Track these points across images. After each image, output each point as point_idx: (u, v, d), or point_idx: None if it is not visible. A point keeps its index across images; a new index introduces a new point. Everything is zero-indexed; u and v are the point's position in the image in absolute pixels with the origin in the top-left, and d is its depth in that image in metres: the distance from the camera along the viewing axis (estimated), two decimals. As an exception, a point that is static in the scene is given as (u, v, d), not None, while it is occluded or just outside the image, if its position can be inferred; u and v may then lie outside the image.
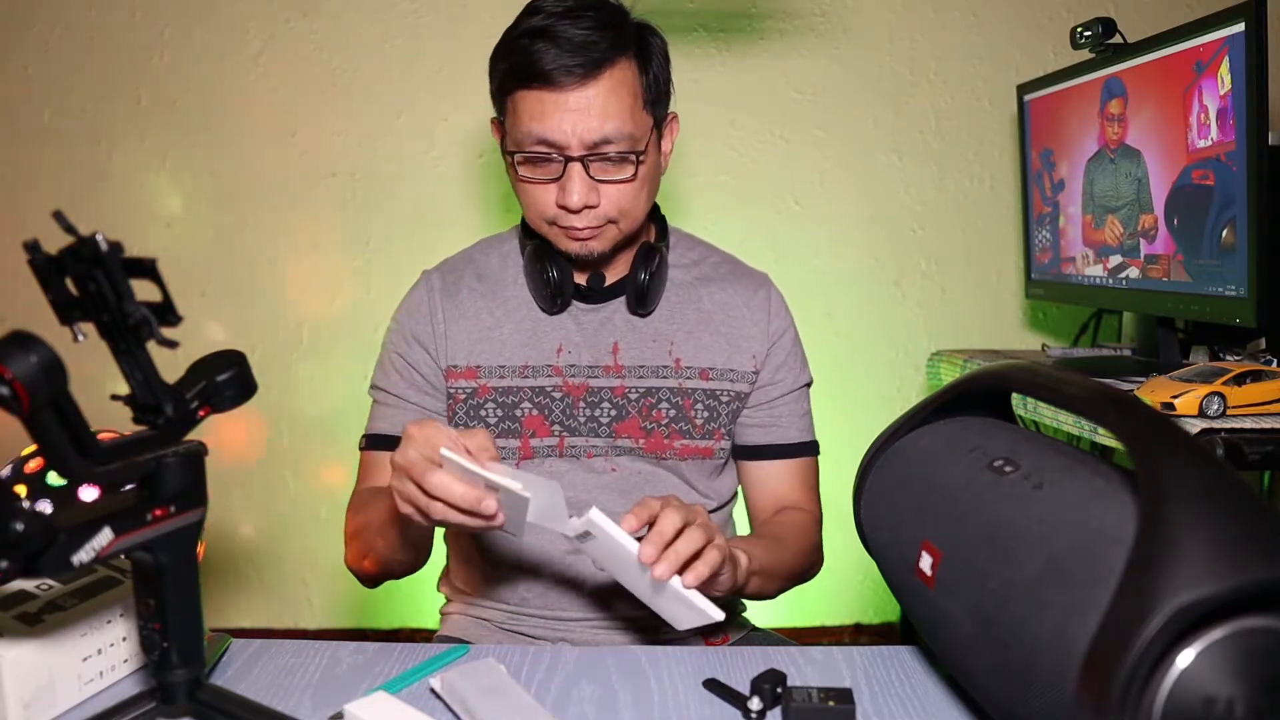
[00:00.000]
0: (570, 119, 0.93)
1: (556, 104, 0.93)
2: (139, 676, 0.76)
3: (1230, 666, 0.49)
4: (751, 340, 1.09)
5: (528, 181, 0.98)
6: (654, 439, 1.06)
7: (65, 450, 0.54)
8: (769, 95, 2.15)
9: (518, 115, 0.96)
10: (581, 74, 0.92)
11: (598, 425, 1.05)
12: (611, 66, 0.94)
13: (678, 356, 1.07)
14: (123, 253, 0.53)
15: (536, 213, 1.00)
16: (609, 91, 0.94)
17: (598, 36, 0.93)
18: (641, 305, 1.05)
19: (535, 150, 0.95)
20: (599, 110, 0.93)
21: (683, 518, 0.78)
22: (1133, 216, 1.59)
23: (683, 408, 1.06)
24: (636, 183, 0.98)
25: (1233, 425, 1.19)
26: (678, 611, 0.79)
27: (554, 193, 0.97)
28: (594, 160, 0.95)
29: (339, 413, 2.22)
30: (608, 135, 0.94)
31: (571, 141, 0.94)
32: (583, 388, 1.05)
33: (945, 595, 0.66)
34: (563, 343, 1.06)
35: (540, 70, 0.92)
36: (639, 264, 1.04)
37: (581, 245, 1.00)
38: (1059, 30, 2.12)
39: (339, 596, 2.28)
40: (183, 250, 2.17)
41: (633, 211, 1.00)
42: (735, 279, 1.12)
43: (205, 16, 2.12)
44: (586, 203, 0.96)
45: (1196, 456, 0.53)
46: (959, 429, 0.77)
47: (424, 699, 0.74)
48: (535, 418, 1.05)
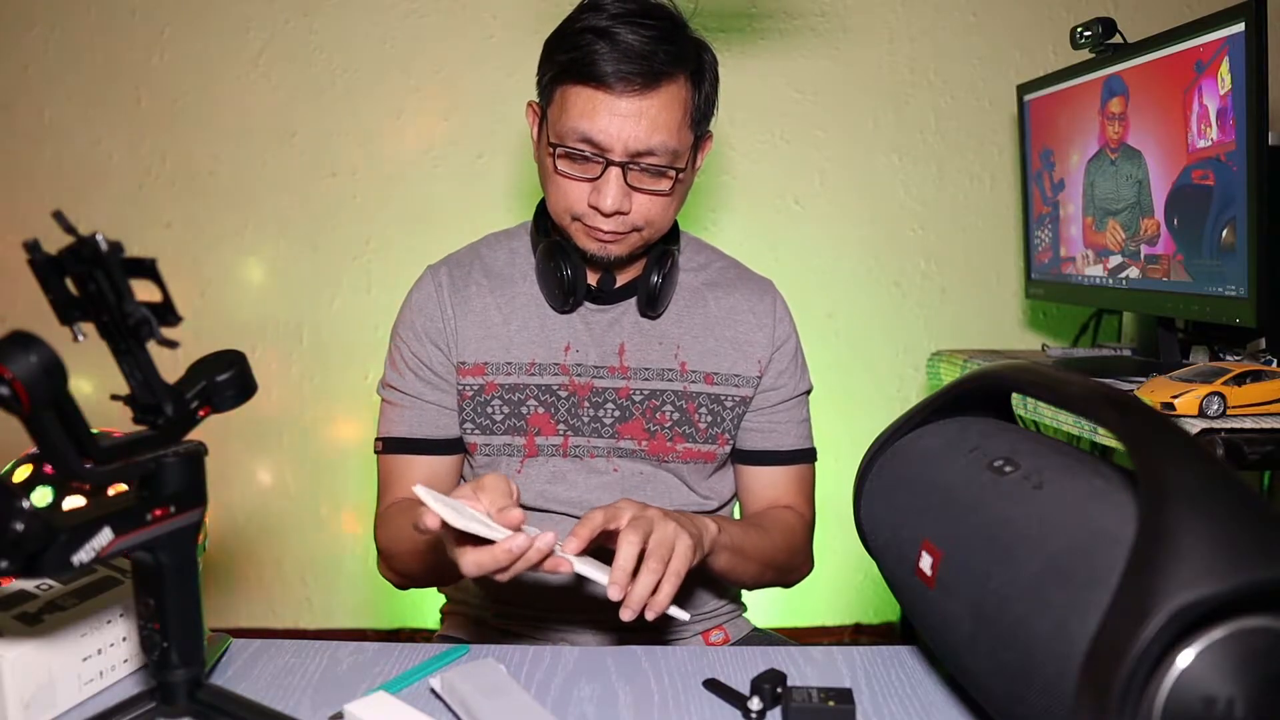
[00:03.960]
0: (619, 124, 0.93)
1: (608, 107, 0.93)
2: (139, 676, 0.76)
3: (1230, 666, 0.49)
4: (756, 346, 1.09)
5: (563, 176, 0.97)
6: (657, 441, 1.06)
7: (65, 450, 0.54)
8: (769, 95, 2.15)
9: (566, 109, 0.95)
10: (640, 84, 0.92)
11: (600, 426, 1.05)
12: (669, 81, 0.94)
13: (683, 360, 1.07)
14: (123, 253, 0.53)
15: (564, 206, 0.99)
16: (661, 105, 0.94)
17: (658, 48, 0.92)
18: (652, 308, 1.05)
19: (577, 147, 0.95)
20: (649, 121, 0.93)
21: (639, 538, 0.78)
22: (1133, 217, 1.59)
23: (686, 411, 1.06)
24: (669, 197, 0.98)
25: (1233, 425, 1.19)
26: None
27: (587, 191, 0.96)
28: (633, 168, 0.95)
29: (339, 413, 2.22)
30: (652, 147, 0.94)
31: (616, 146, 0.93)
32: (588, 387, 1.05)
33: (945, 595, 0.66)
34: (571, 341, 1.05)
35: (599, 71, 0.92)
36: (652, 267, 1.04)
37: (601, 247, 0.99)
38: (1059, 30, 2.12)
39: (339, 596, 2.28)
40: (183, 250, 2.17)
41: (659, 223, 1.00)
42: (741, 284, 1.12)
43: (205, 16, 2.12)
44: (619, 208, 0.95)
45: (1196, 456, 0.53)
46: (959, 429, 0.77)
47: (424, 699, 0.74)
48: (541, 415, 1.04)
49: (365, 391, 2.20)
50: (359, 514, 2.25)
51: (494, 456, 1.05)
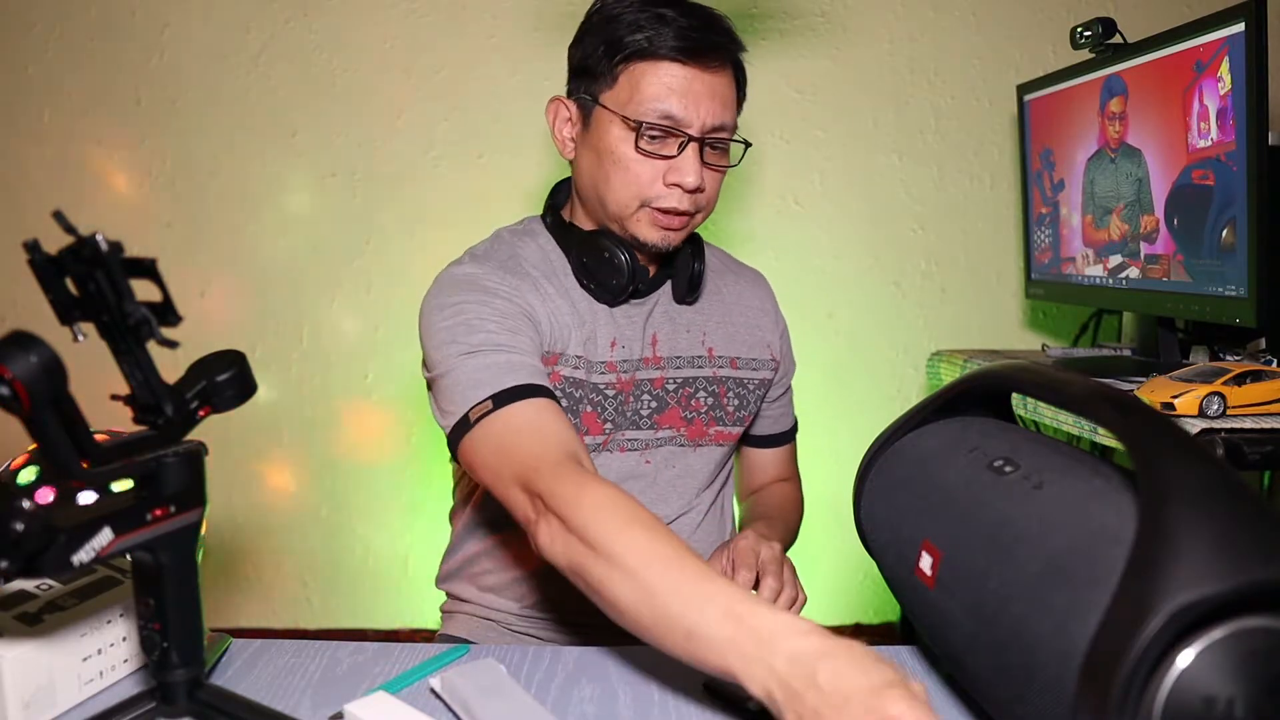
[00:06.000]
0: (700, 99, 0.94)
1: (690, 82, 0.94)
2: (139, 676, 0.76)
3: (1230, 666, 0.49)
4: (765, 330, 1.14)
5: (644, 155, 0.95)
6: (694, 427, 1.08)
7: (65, 450, 0.54)
8: (769, 95, 2.15)
9: (640, 88, 0.94)
10: (717, 59, 0.95)
11: (639, 418, 1.05)
12: (731, 60, 0.98)
13: (710, 346, 1.09)
14: (123, 253, 0.53)
15: (634, 192, 0.96)
16: (728, 83, 0.97)
17: (719, 29, 0.96)
18: (692, 294, 1.07)
19: (661, 123, 0.94)
20: (721, 98, 0.96)
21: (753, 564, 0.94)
22: (1133, 216, 1.59)
23: (718, 395, 1.09)
24: (723, 175, 1.00)
25: (1233, 425, 1.19)
26: None
27: (661, 172, 0.96)
28: (706, 145, 0.96)
29: (339, 413, 2.22)
30: (724, 123, 0.96)
31: (695, 121, 0.94)
32: (630, 382, 1.04)
33: (945, 595, 0.66)
34: (616, 336, 1.04)
35: (680, 45, 0.92)
36: (692, 253, 1.06)
37: (664, 235, 0.99)
38: (1059, 30, 2.12)
39: (339, 596, 2.28)
40: (183, 250, 2.17)
41: (713, 204, 1.02)
42: (741, 271, 1.18)
43: (205, 16, 2.12)
44: (700, 184, 0.96)
45: (1196, 456, 0.53)
46: (959, 429, 0.77)
47: (424, 699, 0.74)
48: (590, 415, 1.02)
49: (365, 391, 2.20)
50: (359, 514, 2.25)
51: None
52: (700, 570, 0.68)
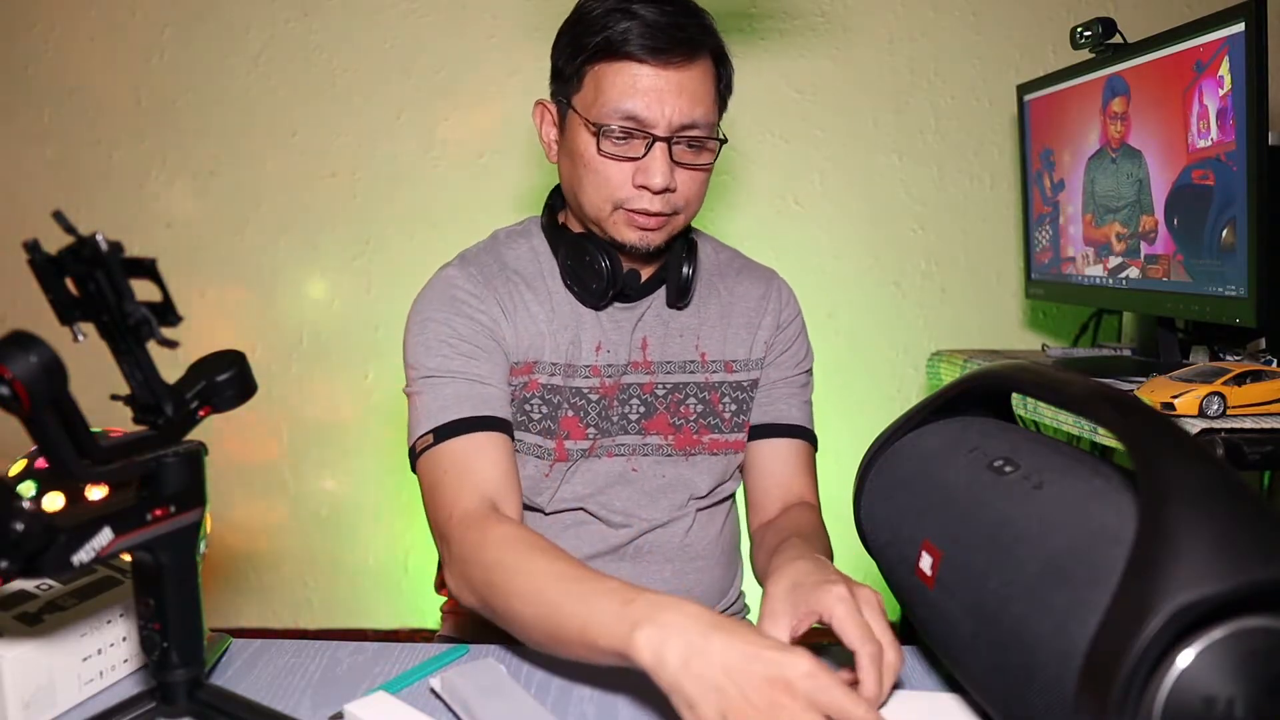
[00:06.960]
0: (662, 97, 0.92)
1: (650, 81, 0.92)
2: (139, 676, 0.76)
3: (1230, 666, 0.49)
4: (763, 329, 1.10)
5: (607, 157, 0.95)
6: (683, 435, 1.05)
7: (65, 450, 0.54)
8: (769, 95, 2.15)
9: (603, 90, 0.93)
10: (680, 56, 0.92)
11: (627, 423, 1.04)
12: (702, 55, 0.95)
13: (703, 351, 1.07)
14: (123, 253, 0.53)
15: (606, 194, 0.96)
16: (699, 78, 0.94)
17: (687, 22, 0.93)
18: (682, 299, 1.04)
19: (623, 124, 0.93)
20: (689, 94, 0.93)
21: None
22: (1133, 217, 1.59)
23: (710, 402, 1.06)
24: (706, 173, 0.98)
25: (1233, 425, 1.19)
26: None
27: (630, 174, 0.95)
28: (676, 143, 0.94)
29: (338, 413, 2.22)
30: (695, 120, 0.94)
31: (660, 121, 0.93)
32: (616, 386, 1.03)
33: (945, 595, 0.66)
34: (601, 340, 1.03)
35: (638, 45, 0.91)
36: (680, 257, 1.03)
37: (642, 236, 0.97)
38: (1059, 30, 2.12)
39: (339, 596, 2.28)
40: (183, 250, 2.17)
41: (694, 204, 0.99)
42: (748, 272, 1.14)
43: (205, 16, 2.12)
44: (668, 185, 0.94)
45: (1196, 456, 0.53)
46: (959, 429, 0.77)
47: (424, 699, 0.74)
48: (571, 419, 1.01)
49: (365, 391, 2.20)
50: (358, 514, 2.25)
51: (523, 455, 1.01)
52: (596, 579, 0.73)
